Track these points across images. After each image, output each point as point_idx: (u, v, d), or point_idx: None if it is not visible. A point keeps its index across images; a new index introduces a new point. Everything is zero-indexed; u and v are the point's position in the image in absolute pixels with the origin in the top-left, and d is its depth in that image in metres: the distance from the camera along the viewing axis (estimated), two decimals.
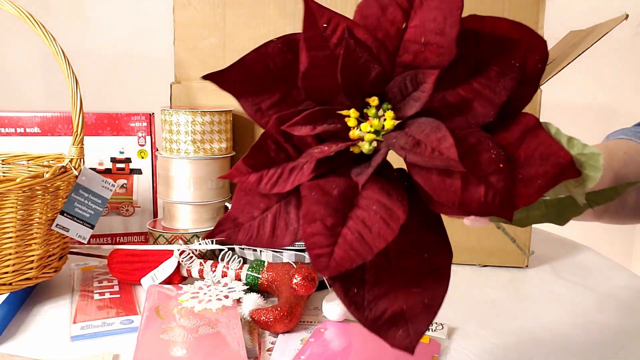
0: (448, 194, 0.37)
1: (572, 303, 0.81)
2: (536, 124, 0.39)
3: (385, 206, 0.38)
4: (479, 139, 0.38)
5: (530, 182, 0.37)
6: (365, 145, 0.40)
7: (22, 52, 1.48)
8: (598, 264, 0.98)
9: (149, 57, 1.48)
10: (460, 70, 0.40)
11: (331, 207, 0.38)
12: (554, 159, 0.37)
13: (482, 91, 0.39)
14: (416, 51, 0.40)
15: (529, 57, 0.39)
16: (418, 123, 0.39)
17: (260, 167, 0.42)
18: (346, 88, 0.40)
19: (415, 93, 0.39)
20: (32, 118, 0.96)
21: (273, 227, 0.42)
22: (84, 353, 0.63)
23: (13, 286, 0.72)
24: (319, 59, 0.41)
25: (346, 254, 0.37)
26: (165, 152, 0.92)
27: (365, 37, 0.40)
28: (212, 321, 0.67)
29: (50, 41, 0.72)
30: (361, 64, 0.39)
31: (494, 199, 0.37)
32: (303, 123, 0.40)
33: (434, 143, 0.37)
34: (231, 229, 0.43)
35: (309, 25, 0.40)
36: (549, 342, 0.69)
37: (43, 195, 0.73)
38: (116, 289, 0.80)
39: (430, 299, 0.41)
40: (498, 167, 0.37)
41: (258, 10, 0.95)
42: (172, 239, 0.90)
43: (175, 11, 0.97)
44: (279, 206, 0.43)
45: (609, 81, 1.61)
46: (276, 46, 0.43)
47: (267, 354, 0.64)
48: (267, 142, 0.42)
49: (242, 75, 0.43)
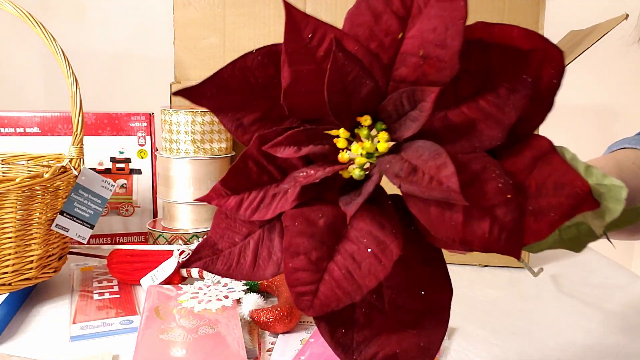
0: (448, 229, 0.33)
1: (572, 303, 0.81)
2: (550, 149, 0.34)
3: (377, 239, 0.34)
4: (484, 165, 0.34)
5: (542, 216, 0.33)
6: (356, 171, 0.36)
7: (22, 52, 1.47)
8: (598, 264, 0.98)
9: (149, 57, 1.48)
10: (465, 86, 0.35)
11: (317, 239, 0.34)
12: (570, 188, 0.33)
13: (489, 110, 0.35)
14: (414, 65, 0.35)
15: (543, 70, 0.34)
16: (415, 147, 0.35)
17: (241, 190, 0.38)
18: (334, 106, 0.36)
19: (413, 112, 0.35)
20: (31, 118, 0.96)
21: (255, 255, 0.38)
22: (83, 353, 0.63)
23: (12, 286, 0.72)
24: (303, 74, 0.36)
25: (332, 292, 0.33)
26: (165, 152, 0.92)
27: (355, 49, 0.36)
28: (212, 321, 0.67)
29: (50, 41, 0.72)
30: (351, 80, 0.35)
31: (499, 235, 0.32)
32: (287, 144, 0.36)
33: (432, 171, 0.32)
34: (209, 257, 0.38)
35: (292, 36, 0.36)
36: (549, 342, 0.69)
37: (43, 195, 0.73)
38: (116, 289, 0.80)
39: (426, 342, 0.37)
40: (505, 199, 0.33)
41: (258, 10, 0.95)
42: (172, 239, 0.90)
43: (175, 11, 0.97)
44: (262, 232, 0.39)
45: (609, 81, 1.61)
46: (256, 59, 0.38)
47: (267, 354, 0.64)
48: (248, 163, 0.38)
49: (219, 91, 0.39)
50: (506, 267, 0.95)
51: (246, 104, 0.39)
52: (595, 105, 1.65)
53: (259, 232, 0.39)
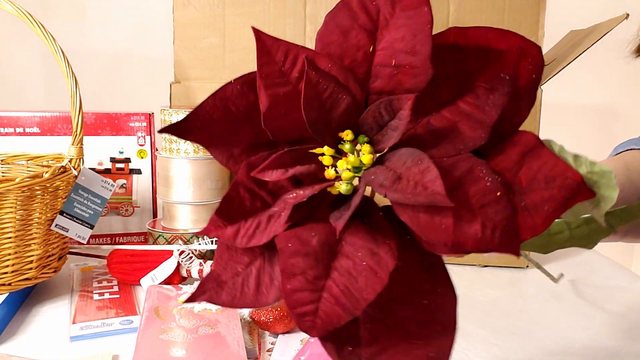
0: (439, 233, 0.32)
1: (572, 303, 0.81)
2: (536, 143, 0.34)
3: (371, 251, 0.34)
4: (470, 166, 0.34)
5: (536, 210, 0.33)
6: (343, 186, 0.36)
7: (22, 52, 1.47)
8: (599, 264, 0.98)
9: (149, 57, 1.48)
10: (444, 91, 0.36)
11: (312, 258, 0.34)
12: (561, 180, 0.33)
13: (469, 111, 0.35)
14: (388, 75, 0.36)
15: (521, 67, 0.35)
16: (398, 155, 0.35)
17: (236, 219, 0.38)
18: (314, 125, 0.36)
19: (393, 122, 0.35)
20: (31, 118, 0.95)
21: (257, 283, 0.38)
22: (83, 353, 0.63)
23: (12, 286, 0.72)
24: (280, 96, 0.37)
25: (333, 310, 0.33)
26: (165, 152, 0.92)
27: (329, 67, 0.36)
28: (211, 321, 0.67)
29: (49, 41, 0.72)
30: (327, 97, 0.35)
31: (493, 234, 0.32)
32: (273, 167, 0.36)
33: (416, 177, 0.32)
34: (213, 290, 0.38)
35: (265, 61, 0.36)
36: (549, 342, 0.69)
37: (42, 195, 0.73)
38: (115, 289, 0.80)
39: (436, 352, 0.36)
40: (495, 197, 0.32)
41: (258, 10, 0.95)
42: (172, 239, 0.89)
43: (175, 11, 0.97)
44: (263, 259, 0.39)
45: (609, 81, 1.61)
46: (235, 88, 0.39)
47: (267, 354, 0.64)
48: (240, 191, 0.38)
49: (203, 124, 0.39)
50: (506, 267, 0.94)
51: (232, 134, 0.40)
52: (595, 105, 1.65)
53: (260, 259, 0.39)
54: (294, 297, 0.33)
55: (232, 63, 0.97)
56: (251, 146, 0.40)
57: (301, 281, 0.34)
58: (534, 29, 0.87)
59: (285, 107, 0.37)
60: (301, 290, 0.34)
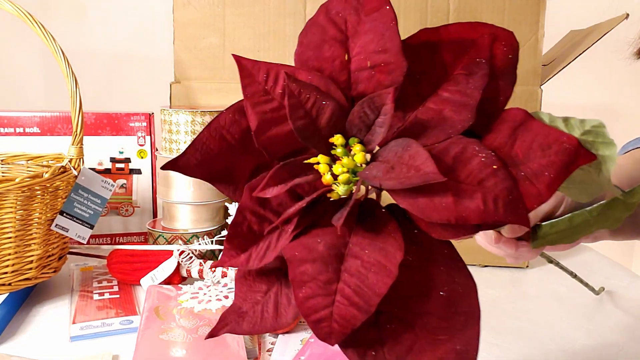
0: (440, 212, 0.32)
1: (573, 303, 0.81)
2: (525, 116, 0.35)
3: (377, 247, 0.34)
4: (462, 146, 0.34)
5: (537, 178, 0.33)
6: (340, 187, 0.36)
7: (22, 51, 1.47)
8: (599, 264, 0.98)
9: (149, 57, 1.48)
10: (424, 85, 0.37)
11: (320, 263, 0.34)
12: (557, 146, 0.33)
13: (452, 98, 0.36)
14: (367, 77, 0.37)
15: (495, 50, 0.36)
16: (389, 148, 0.36)
17: (248, 245, 0.38)
18: (303, 134, 0.37)
19: (379, 119, 0.36)
20: (31, 118, 0.95)
21: (276, 306, 0.38)
22: (83, 353, 0.63)
23: (12, 286, 0.72)
24: (267, 113, 0.38)
25: (347, 311, 0.33)
26: (165, 152, 0.92)
27: (309, 78, 0.37)
28: (212, 321, 0.67)
29: (49, 41, 0.72)
30: (311, 105, 0.36)
31: (495, 204, 0.32)
32: (272, 183, 0.36)
33: (408, 162, 0.33)
34: (235, 321, 0.39)
35: (248, 82, 0.38)
36: (549, 342, 0.69)
37: (42, 195, 0.73)
38: (115, 289, 0.80)
39: (463, 344, 0.35)
40: (492, 170, 0.33)
41: (258, 10, 0.95)
42: (172, 239, 0.89)
43: (175, 11, 0.97)
44: (280, 283, 0.39)
45: (609, 81, 1.61)
46: (227, 117, 0.40)
47: (267, 354, 0.64)
48: (246, 216, 0.38)
49: (203, 156, 0.40)
50: (506, 267, 0.94)
51: (232, 165, 0.40)
52: (595, 105, 1.65)
53: (277, 284, 0.39)
54: (307, 305, 0.33)
55: (232, 63, 0.97)
56: (253, 174, 0.40)
57: (312, 287, 0.34)
58: (533, 29, 0.87)
59: (274, 123, 0.38)
60: (313, 296, 0.33)
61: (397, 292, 0.34)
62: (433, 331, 0.35)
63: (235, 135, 0.40)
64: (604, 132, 0.34)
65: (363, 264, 0.34)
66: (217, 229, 0.92)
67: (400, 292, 0.35)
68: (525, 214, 0.32)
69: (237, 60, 0.38)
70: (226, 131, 0.40)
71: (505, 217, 0.32)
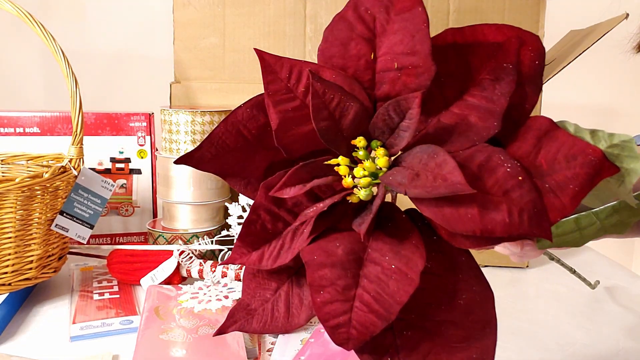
0: (465, 223, 0.32)
1: (573, 303, 0.81)
2: (551, 125, 0.34)
3: (398, 254, 0.33)
4: (488, 155, 0.33)
5: (562, 190, 0.32)
6: (362, 192, 0.36)
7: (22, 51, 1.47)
8: (599, 264, 0.98)
9: (149, 57, 1.48)
10: (450, 89, 0.36)
11: (339, 268, 0.34)
12: (582, 157, 0.32)
13: (478, 103, 0.35)
14: (393, 79, 0.36)
15: (523, 55, 0.35)
16: (414, 153, 0.35)
17: (260, 243, 0.38)
18: (325, 135, 0.36)
19: (403, 123, 0.35)
20: (31, 118, 0.95)
21: (287, 306, 0.38)
22: (83, 353, 0.63)
23: (12, 286, 0.72)
24: (289, 112, 0.37)
25: (367, 318, 0.32)
26: (165, 152, 0.92)
27: (333, 78, 0.36)
28: (211, 321, 0.67)
29: (49, 41, 0.72)
30: (335, 106, 0.36)
31: (521, 217, 0.31)
32: (291, 183, 0.36)
33: (434, 170, 0.32)
34: (244, 319, 0.39)
35: (271, 79, 0.37)
36: (549, 342, 0.69)
37: (42, 195, 0.73)
38: (116, 289, 0.80)
39: (479, 353, 0.35)
40: (517, 181, 0.32)
41: (258, 9, 0.95)
42: (172, 239, 0.89)
43: (175, 11, 0.97)
44: (291, 282, 0.39)
45: (609, 81, 1.61)
46: (245, 112, 0.39)
47: (267, 354, 0.64)
48: (260, 214, 0.38)
49: (218, 151, 0.39)
50: (506, 267, 0.94)
51: (247, 160, 0.40)
52: (595, 105, 1.65)
53: (288, 283, 0.39)
54: (325, 310, 0.33)
55: (232, 63, 0.97)
56: (267, 171, 0.40)
57: (331, 292, 0.33)
58: (534, 28, 0.87)
59: (296, 122, 0.37)
60: (332, 302, 0.33)
61: (415, 300, 0.33)
62: (450, 339, 0.35)
63: (253, 131, 0.40)
64: (632, 147, 0.34)
65: (383, 270, 0.33)
66: (217, 229, 0.92)
67: (419, 300, 0.34)
68: (549, 227, 0.32)
69: (260, 55, 0.37)
70: (243, 126, 0.39)
71: (530, 231, 0.32)
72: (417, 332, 0.35)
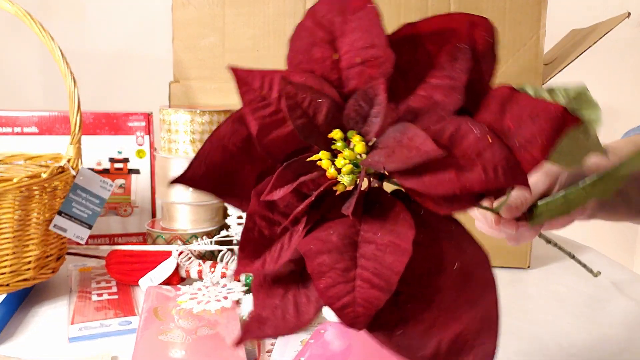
0: (445, 185, 0.35)
1: (573, 303, 0.80)
2: (511, 91, 0.37)
3: (390, 230, 0.36)
4: (457, 125, 0.36)
5: (530, 144, 0.35)
6: (345, 178, 0.38)
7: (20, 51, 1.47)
8: (600, 264, 0.98)
9: (148, 57, 1.48)
10: (413, 76, 0.39)
11: (336, 253, 0.36)
12: (545, 114, 0.35)
13: (441, 83, 0.38)
14: (358, 73, 0.39)
15: (474, 35, 0.38)
16: (387, 135, 0.38)
17: (261, 251, 0.40)
18: (303, 132, 0.39)
19: (374, 109, 0.38)
20: (29, 117, 0.95)
21: (296, 306, 0.39)
22: (81, 354, 0.63)
23: (10, 287, 0.72)
24: (266, 117, 0.40)
25: (369, 293, 0.34)
26: (164, 151, 0.92)
27: (303, 79, 0.39)
28: (211, 322, 0.66)
29: (48, 40, 0.72)
30: (308, 104, 0.38)
31: (496, 172, 0.34)
32: (279, 185, 0.38)
33: (408, 144, 0.35)
34: (257, 329, 0.40)
35: (245, 90, 0.40)
36: (550, 342, 0.69)
37: (40, 195, 0.72)
38: (114, 290, 0.79)
39: (484, 311, 0.37)
40: (487, 143, 0.35)
41: (257, 9, 0.94)
42: (171, 240, 0.89)
43: (174, 10, 0.96)
44: (297, 286, 0.40)
45: (609, 81, 1.61)
46: (227, 127, 0.42)
47: (266, 355, 0.63)
48: (256, 221, 0.40)
49: (208, 168, 0.41)
50: (507, 267, 0.94)
51: (237, 172, 0.42)
52: None
53: (294, 287, 0.40)
54: (329, 294, 0.35)
55: (231, 62, 0.96)
56: (257, 181, 0.41)
57: (332, 276, 0.35)
58: (535, 28, 0.87)
59: (274, 126, 0.40)
60: (334, 285, 0.35)
61: (412, 272, 0.35)
62: (452, 304, 0.37)
63: (237, 144, 0.42)
64: (587, 94, 0.37)
65: (377, 247, 0.35)
66: (216, 230, 0.92)
67: (415, 271, 0.37)
68: (524, 176, 0.35)
69: (233, 72, 0.40)
70: (227, 140, 0.42)
71: (506, 182, 0.34)
72: (420, 303, 0.37)
